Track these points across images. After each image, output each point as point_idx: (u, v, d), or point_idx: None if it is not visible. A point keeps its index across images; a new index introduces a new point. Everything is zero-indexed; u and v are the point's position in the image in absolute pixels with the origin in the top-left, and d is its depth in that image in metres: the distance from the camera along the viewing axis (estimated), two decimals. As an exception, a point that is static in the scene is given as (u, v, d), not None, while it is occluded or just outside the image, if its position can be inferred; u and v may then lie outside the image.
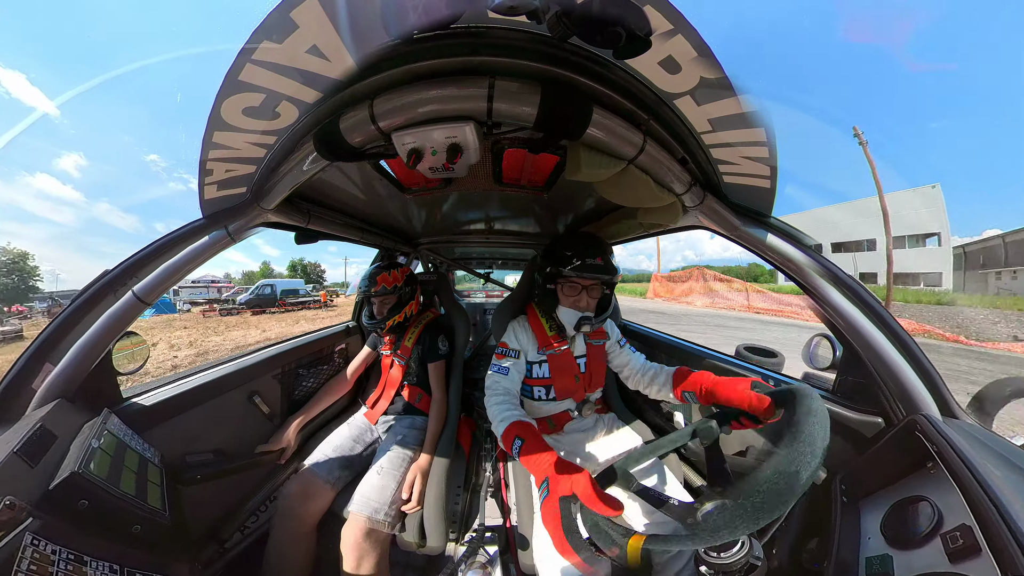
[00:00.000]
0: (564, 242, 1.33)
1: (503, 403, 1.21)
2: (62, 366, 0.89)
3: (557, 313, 1.35)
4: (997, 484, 0.63)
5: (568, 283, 1.32)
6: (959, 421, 0.85)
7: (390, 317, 1.73)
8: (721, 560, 0.59)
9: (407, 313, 1.77)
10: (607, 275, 1.26)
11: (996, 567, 0.56)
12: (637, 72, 0.66)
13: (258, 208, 0.98)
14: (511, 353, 1.38)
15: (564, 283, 1.33)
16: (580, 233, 1.43)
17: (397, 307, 1.75)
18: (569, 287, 1.32)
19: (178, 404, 1.24)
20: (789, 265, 0.97)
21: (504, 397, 1.25)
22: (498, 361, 1.37)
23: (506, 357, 1.37)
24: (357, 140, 0.77)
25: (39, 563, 0.62)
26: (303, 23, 0.55)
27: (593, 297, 1.33)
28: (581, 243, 1.30)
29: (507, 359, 1.36)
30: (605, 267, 1.25)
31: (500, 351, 1.40)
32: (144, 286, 0.94)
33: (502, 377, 1.31)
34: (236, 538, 1.43)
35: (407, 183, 1.32)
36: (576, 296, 1.32)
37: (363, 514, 1.28)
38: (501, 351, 1.40)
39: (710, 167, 0.87)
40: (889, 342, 0.90)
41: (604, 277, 1.27)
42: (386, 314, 1.74)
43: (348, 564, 1.23)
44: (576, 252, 1.27)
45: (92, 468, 0.75)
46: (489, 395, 1.28)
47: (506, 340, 1.43)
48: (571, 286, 1.32)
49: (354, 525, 1.27)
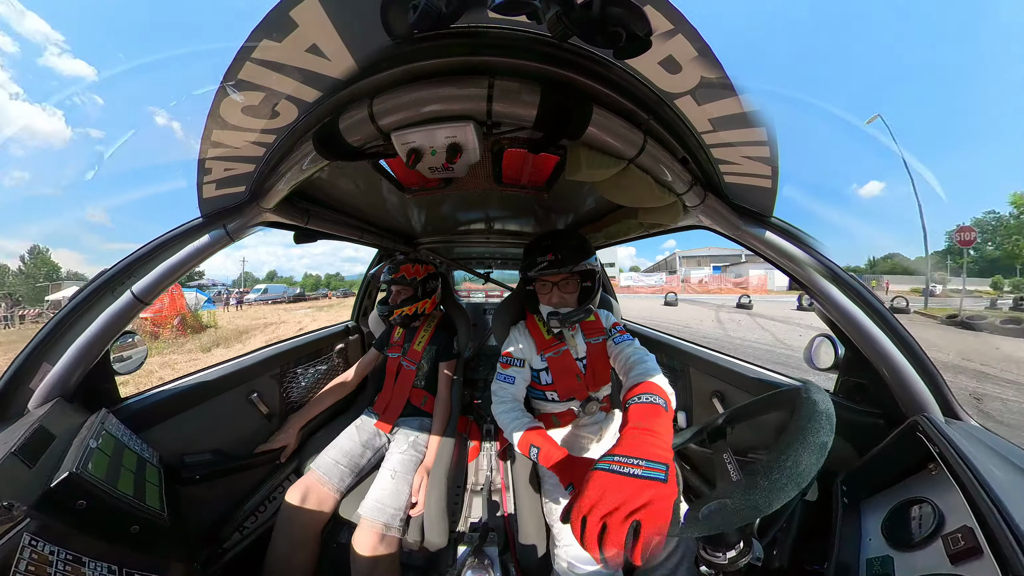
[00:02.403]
0: (527, 245, 1.39)
1: (511, 410, 1.25)
2: (60, 366, 0.89)
3: (540, 310, 1.39)
4: (999, 486, 0.63)
5: (538, 282, 1.37)
6: (961, 422, 0.85)
7: (401, 307, 1.75)
8: (721, 560, 0.59)
9: (419, 309, 1.78)
10: (555, 268, 1.28)
11: (997, 569, 0.55)
12: (637, 72, 0.66)
13: (257, 207, 0.98)
14: (515, 362, 1.41)
15: (536, 282, 1.38)
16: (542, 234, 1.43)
17: (411, 300, 1.77)
18: (540, 285, 1.38)
19: (176, 404, 1.24)
20: (791, 265, 0.97)
21: (512, 404, 1.28)
22: (503, 370, 1.39)
23: (511, 366, 1.40)
24: (356, 139, 0.77)
25: (37, 564, 0.62)
26: (303, 22, 0.55)
27: (567, 292, 1.35)
28: (535, 243, 1.35)
29: (512, 367, 1.39)
30: (554, 262, 1.27)
31: (504, 360, 1.42)
32: (142, 285, 0.94)
33: (508, 385, 1.35)
34: (235, 538, 1.43)
35: (407, 183, 1.32)
36: (548, 293, 1.36)
37: (379, 520, 1.27)
38: (505, 360, 1.42)
39: (711, 167, 0.87)
40: (891, 342, 0.89)
41: (552, 271, 1.29)
42: (399, 303, 1.76)
43: (361, 570, 1.22)
44: (529, 252, 1.34)
45: (90, 468, 0.75)
46: (496, 402, 1.31)
47: (510, 350, 1.45)
48: (541, 284, 1.37)
49: (368, 531, 1.26)
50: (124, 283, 0.94)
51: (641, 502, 0.59)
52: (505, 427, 1.20)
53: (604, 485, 0.63)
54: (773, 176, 0.83)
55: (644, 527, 0.57)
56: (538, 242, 1.36)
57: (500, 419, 1.24)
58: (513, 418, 1.19)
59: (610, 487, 0.62)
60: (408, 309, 1.75)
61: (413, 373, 1.76)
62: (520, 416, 1.21)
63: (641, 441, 0.71)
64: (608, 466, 0.66)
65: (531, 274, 1.33)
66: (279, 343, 1.89)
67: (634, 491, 0.61)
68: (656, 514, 0.58)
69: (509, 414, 1.22)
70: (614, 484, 0.63)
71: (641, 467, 0.64)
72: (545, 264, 1.28)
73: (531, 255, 1.34)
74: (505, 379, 1.36)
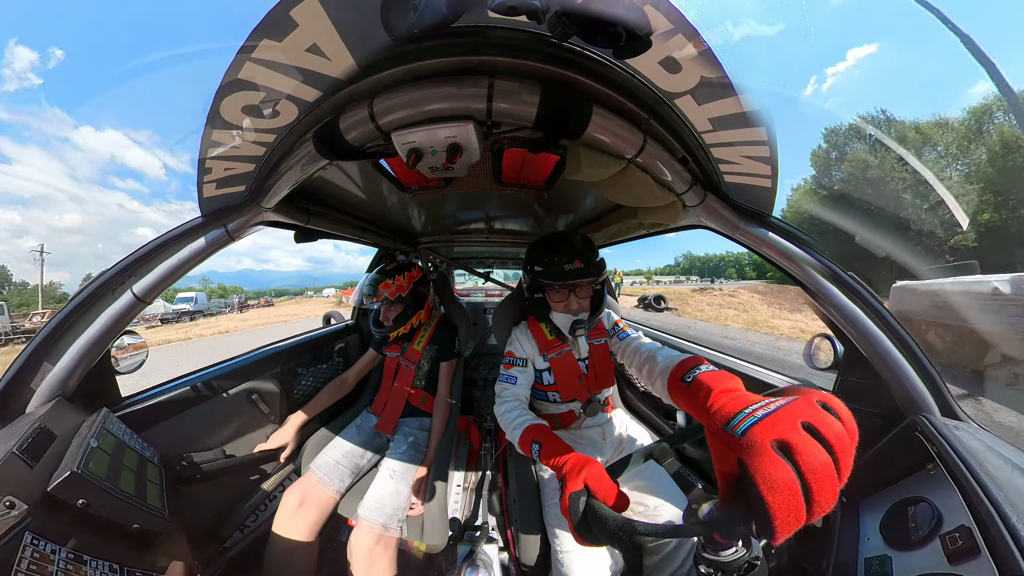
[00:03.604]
0: (539, 250, 1.33)
1: (513, 409, 1.21)
2: (61, 365, 0.89)
3: (552, 318, 1.35)
4: (996, 486, 0.63)
5: (553, 289, 1.31)
6: (959, 423, 0.85)
7: (395, 328, 1.65)
8: (720, 559, 0.59)
9: (413, 324, 1.70)
10: (587, 278, 1.26)
11: (995, 568, 0.56)
12: (637, 71, 0.66)
13: (257, 207, 0.98)
14: (518, 362, 1.39)
15: (549, 289, 1.32)
16: (552, 237, 1.39)
17: (403, 317, 1.67)
18: (555, 292, 1.32)
19: (177, 403, 1.24)
20: (790, 264, 0.97)
21: (514, 403, 1.25)
22: (506, 371, 1.37)
23: (513, 366, 1.38)
24: (357, 139, 0.76)
25: (39, 562, 0.62)
26: (303, 21, 0.55)
27: (582, 297, 1.33)
28: (554, 247, 1.30)
29: (514, 368, 1.38)
30: (584, 270, 1.25)
31: (508, 360, 1.40)
32: (143, 285, 0.94)
33: (510, 385, 1.32)
34: (236, 537, 1.43)
35: (407, 182, 1.32)
36: (565, 300, 1.31)
37: (377, 521, 1.27)
38: (508, 360, 1.40)
39: (711, 166, 0.87)
40: (891, 342, 0.89)
41: (583, 281, 1.27)
42: (392, 323, 1.66)
43: (359, 570, 1.22)
44: (552, 259, 1.27)
45: (91, 468, 0.75)
46: (499, 403, 1.27)
47: (512, 350, 1.43)
48: (556, 291, 1.31)
49: (366, 531, 1.26)
50: (124, 283, 0.94)
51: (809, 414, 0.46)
52: (506, 426, 1.17)
53: (774, 425, 0.46)
54: (773, 176, 0.82)
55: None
56: (557, 247, 1.29)
57: (502, 419, 1.21)
58: (515, 416, 1.16)
59: (780, 421, 0.46)
60: (403, 328, 1.67)
61: (412, 373, 1.74)
62: (522, 414, 1.17)
63: (745, 396, 0.59)
64: (751, 420, 0.49)
65: (558, 284, 1.27)
66: (280, 342, 1.89)
67: (794, 412, 0.47)
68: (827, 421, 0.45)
69: (510, 413, 1.19)
70: (772, 420, 0.47)
71: (770, 402, 0.51)
72: (572, 271, 1.24)
73: (552, 260, 1.26)
74: (507, 379, 1.34)
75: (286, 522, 1.32)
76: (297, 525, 1.32)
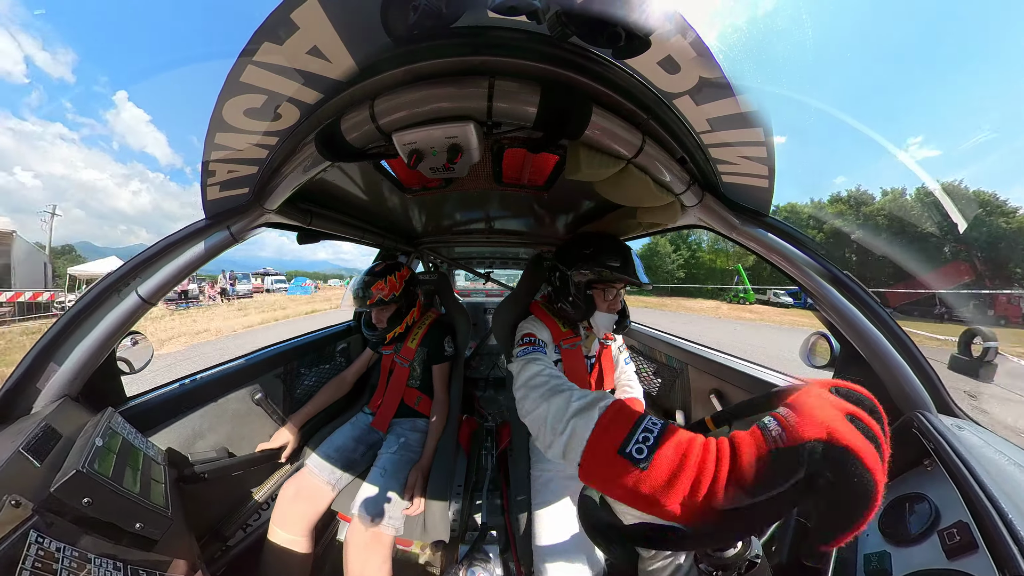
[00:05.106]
0: (598, 247, 1.30)
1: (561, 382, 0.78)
2: (67, 365, 0.90)
3: (594, 319, 1.32)
4: (993, 481, 0.64)
5: (608, 287, 1.31)
6: (956, 419, 0.86)
7: (390, 329, 1.66)
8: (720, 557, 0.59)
9: (408, 323, 1.72)
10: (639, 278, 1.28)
11: (993, 563, 0.56)
12: (636, 72, 0.66)
13: (260, 208, 0.99)
14: (539, 344, 1.19)
15: (604, 288, 1.32)
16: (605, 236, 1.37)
17: (397, 317, 1.68)
18: (605, 291, 1.31)
19: (181, 403, 1.25)
20: (787, 264, 0.97)
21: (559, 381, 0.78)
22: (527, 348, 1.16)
23: (535, 347, 1.17)
24: (358, 140, 0.77)
25: (44, 560, 0.63)
26: (303, 24, 0.56)
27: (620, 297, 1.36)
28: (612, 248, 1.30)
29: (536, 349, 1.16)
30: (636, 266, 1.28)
31: (528, 340, 1.21)
32: (148, 286, 0.95)
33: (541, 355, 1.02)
34: (239, 536, 1.44)
35: (408, 183, 1.33)
36: (612, 300, 1.32)
37: (368, 516, 1.28)
38: (529, 340, 1.21)
39: (709, 166, 0.87)
40: (887, 340, 0.90)
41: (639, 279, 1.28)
42: (386, 325, 1.68)
43: (352, 566, 1.23)
44: (619, 258, 1.27)
45: (96, 466, 0.76)
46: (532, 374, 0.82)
47: (532, 331, 1.27)
48: (607, 289, 1.31)
49: (359, 527, 1.27)
50: (130, 284, 0.95)
51: None
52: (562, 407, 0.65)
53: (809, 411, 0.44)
54: (770, 176, 0.83)
55: None
56: (622, 248, 1.30)
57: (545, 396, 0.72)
58: (577, 394, 0.68)
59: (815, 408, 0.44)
60: (399, 328, 1.68)
61: (407, 372, 1.75)
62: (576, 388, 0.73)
63: None
64: None
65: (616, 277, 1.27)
66: (283, 343, 1.90)
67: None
68: None
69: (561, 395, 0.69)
70: None
71: None
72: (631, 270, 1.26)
73: (618, 259, 1.25)
74: (537, 350, 1.12)
75: (283, 513, 1.35)
76: (293, 515, 1.35)
